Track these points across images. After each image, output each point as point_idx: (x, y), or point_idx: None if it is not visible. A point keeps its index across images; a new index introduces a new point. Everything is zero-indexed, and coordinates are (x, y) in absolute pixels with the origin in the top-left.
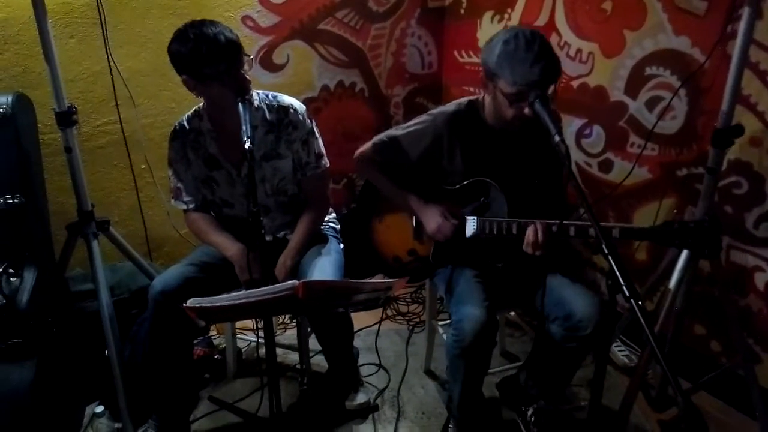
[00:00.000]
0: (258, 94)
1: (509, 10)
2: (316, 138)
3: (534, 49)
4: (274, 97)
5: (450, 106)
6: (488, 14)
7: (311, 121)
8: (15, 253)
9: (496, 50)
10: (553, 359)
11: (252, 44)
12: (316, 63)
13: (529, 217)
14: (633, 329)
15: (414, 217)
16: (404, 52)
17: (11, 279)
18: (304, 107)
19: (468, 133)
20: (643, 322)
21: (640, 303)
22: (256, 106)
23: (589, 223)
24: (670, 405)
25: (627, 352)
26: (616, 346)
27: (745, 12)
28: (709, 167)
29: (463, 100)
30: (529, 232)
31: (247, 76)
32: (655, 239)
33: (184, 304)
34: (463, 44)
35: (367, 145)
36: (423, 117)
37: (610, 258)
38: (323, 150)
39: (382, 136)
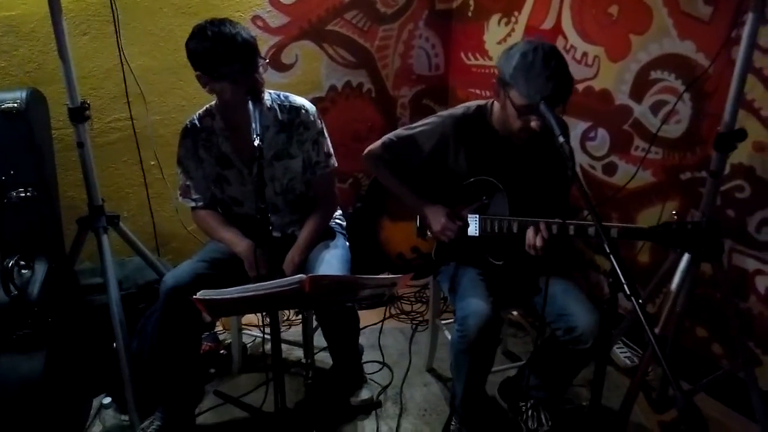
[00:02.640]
0: (270, 94)
1: (516, 13)
2: (326, 138)
3: (551, 65)
4: (286, 97)
5: (458, 109)
6: (495, 17)
7: (321, 122)
8: (27, 246)
9: (513, 61)
10: (555, 359)
11: (262, 44)
12: (324, 63)
13: (529, 218)
14: (634, 331)
15: (417, 216)
16: (411, 54)
17: (23, 271)
18: (315, 108)
19: (474, 137)
20: (642, 319)
21: (640, 301)
22: (268, 106)
23: (589, 222)
24: (670, 406)
25: (628, 353)
26: (617, 347)
27: (749, 18)
28: (711, 171)
29: (472, 104)
30: (530, 234)
31: (261, 78)
32: (653, 239)
33: (194, 296)
34: (470, 46)
35: (376, 143)
36: (432, 118)
37: (611, 256)
38: (332, 150)
39: (392, 135)
